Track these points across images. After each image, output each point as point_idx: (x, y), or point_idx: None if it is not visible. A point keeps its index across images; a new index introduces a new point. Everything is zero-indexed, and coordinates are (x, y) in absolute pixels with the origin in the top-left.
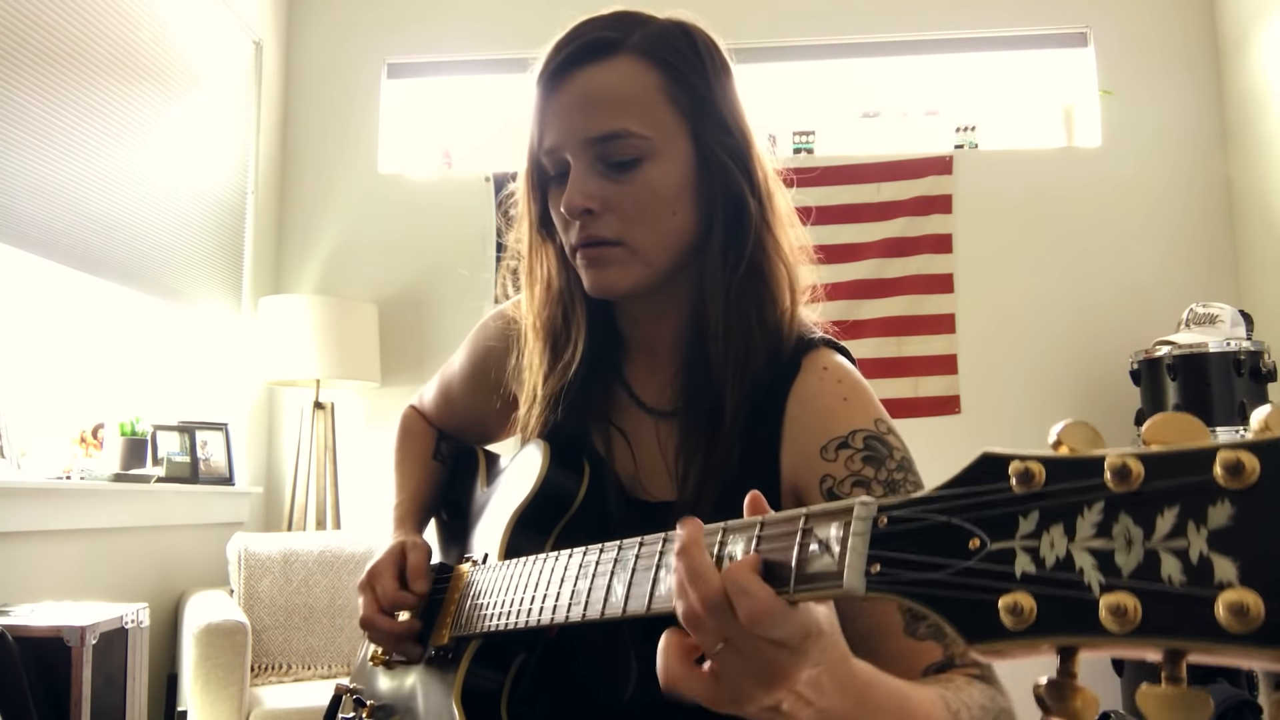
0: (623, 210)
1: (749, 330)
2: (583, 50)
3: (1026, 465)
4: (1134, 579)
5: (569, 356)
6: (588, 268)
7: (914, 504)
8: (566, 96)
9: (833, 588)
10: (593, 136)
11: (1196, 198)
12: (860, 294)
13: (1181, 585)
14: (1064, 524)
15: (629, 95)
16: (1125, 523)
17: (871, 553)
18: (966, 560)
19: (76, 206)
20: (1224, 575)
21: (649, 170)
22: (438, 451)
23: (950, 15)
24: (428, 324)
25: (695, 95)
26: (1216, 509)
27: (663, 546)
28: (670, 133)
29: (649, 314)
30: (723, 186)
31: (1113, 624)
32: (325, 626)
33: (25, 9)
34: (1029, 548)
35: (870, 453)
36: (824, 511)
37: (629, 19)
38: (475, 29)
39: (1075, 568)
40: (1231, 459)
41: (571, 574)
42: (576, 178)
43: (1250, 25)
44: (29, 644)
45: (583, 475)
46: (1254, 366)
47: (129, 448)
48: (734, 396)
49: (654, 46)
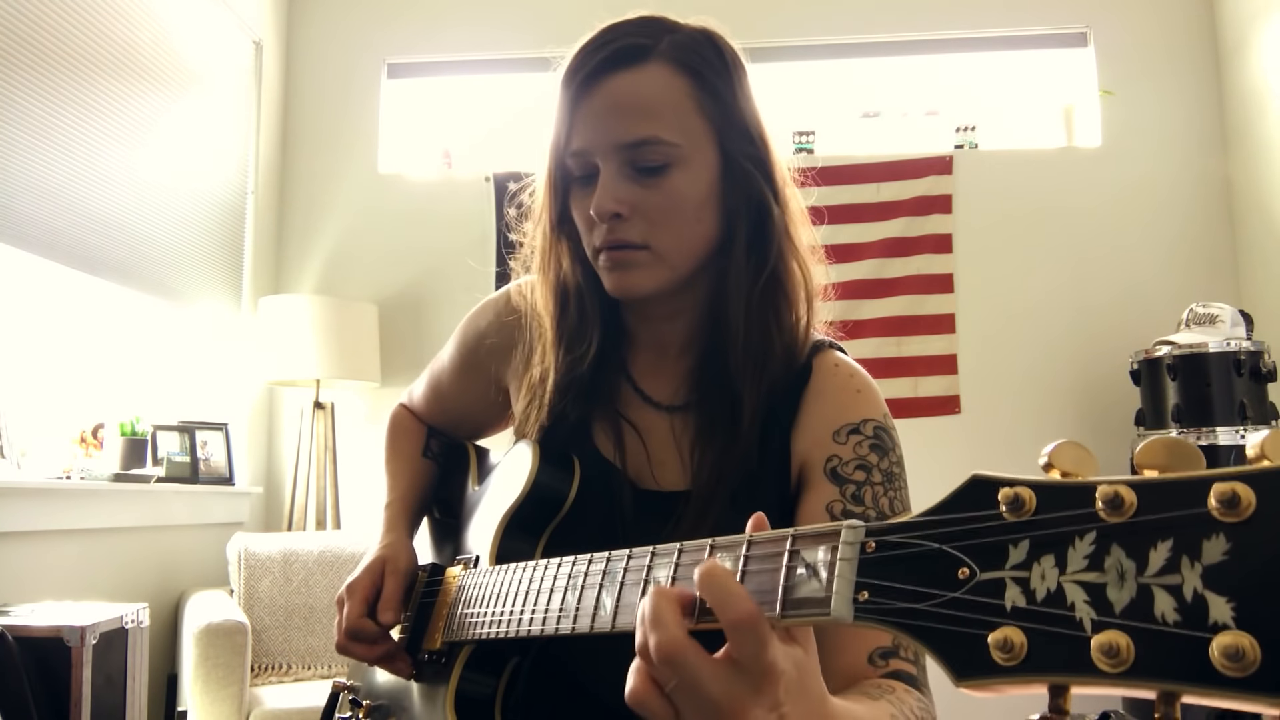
0: (650, 215)
1: (768, 333)
2: (614, 56)
3: (1016, 491)
4: (1126, 617)
5: (582, 351)
6: (612, 270)
7: (902, 529)
8: (598, 101)
9: (820, 615)
10: (624, 142)
11: (1196, 198)
12: (860, 294)
13: (1175, 625)
14: (1055, 554)
15: (660, 102)
16: (1117, 555)
17: (859, 579)
18: (955, 590)
19: (76, 206)
20: (1218, 615)
21: (677, 177)
22: (428, 449)
23: (950, 15)
24: (428, 324)
25: (722, 103)
26: (1211, 544)
27: (650, 560)
28: (698, 140)
29: (663, 313)
30: (746, 194)
31: (1105, 664)
32: (325, 626)
33: (25, 9)
34: (1019, 579)
35: (878, 441)
36: (811, 534)
37: (658, 25)
38: (475, 29)
39: (1066, 602)
40: (1227, 491)
41: (560, 585)
42: (607, 182)
43: (1250, 25)
44: (29, 644)
45: (573, 475)
46: (1254, 366)
47: (129, 448)
48: (752, 396)
49: (683, 54)
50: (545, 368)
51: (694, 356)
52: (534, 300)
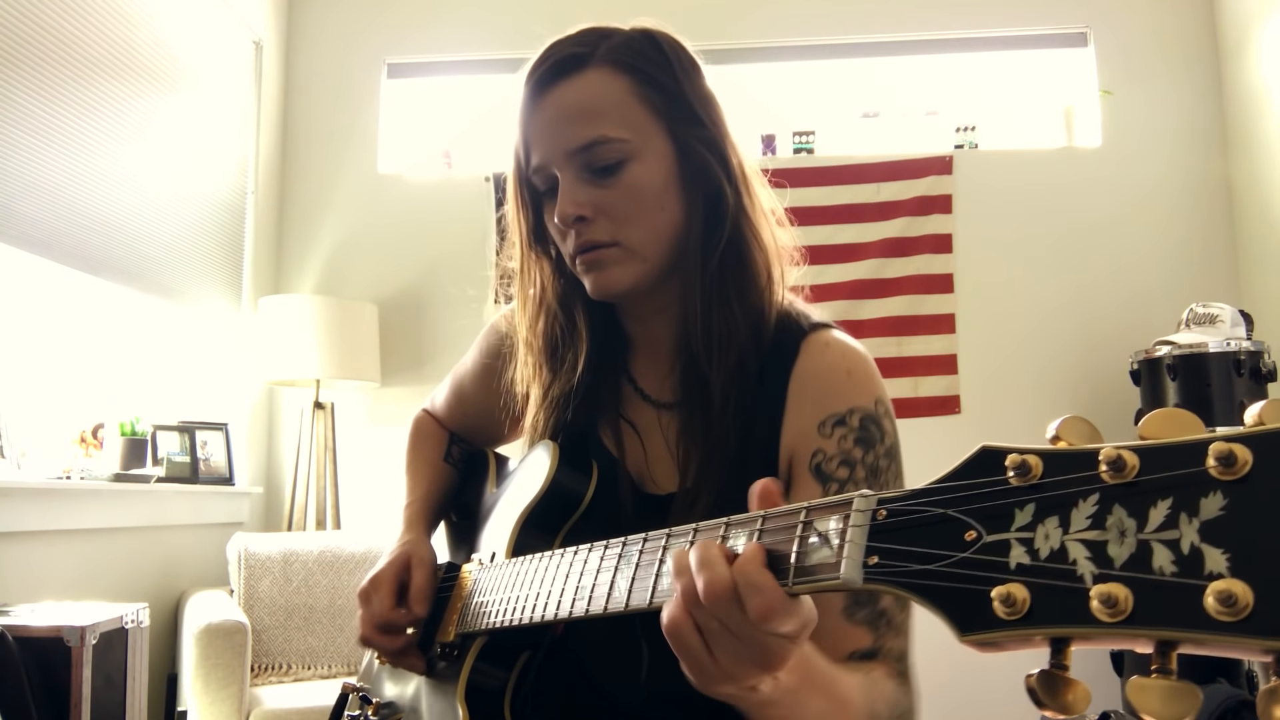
0: (614, 212)
1: (729, 311)
2: (554, 69)
3: (1024, 458)
4: (1126, 569)
5: (571, 360)
6: (588, 272)
7: (912, 496)
8: (544, 114)
9: (830, 579)
10: (574, 147)
11: (1196, 198)
12: (860, 294)
13: (1172, 575)
14: (1059, 516)
15: (602, 103)
16: (1119, 514)
17: (870, 544)
18: (962, 552)
19: (76, 206)
20: (1214, 566)
21: (633, 170)
22: (449, 454)
23: (950, 15)
24: (428, 324)
25: (666, 93)
26: (1208, 500)
27: (666, 542)
28: (647, 132)
29: (650, 310)
30: (702, 176)
31: (1104, 614)
32: (325, 626)
33: (25, 9)
34: (1024, 539)
35: (863, 434)
36: (824, 505)
37: (594, 34)
38: (475, 29)
39: (1069, 559)
40: (1224, 450)
41: (576, 570)
42: (566, 188)
43: (1250, 25)
44: (29, 644)
45: (591, 476)
46: (1254, 366)
47: (129, 448)
48: (720, 379)
49: (621, 54)
50: (535, 384)
51: (682, 351)
52: (516, 320)
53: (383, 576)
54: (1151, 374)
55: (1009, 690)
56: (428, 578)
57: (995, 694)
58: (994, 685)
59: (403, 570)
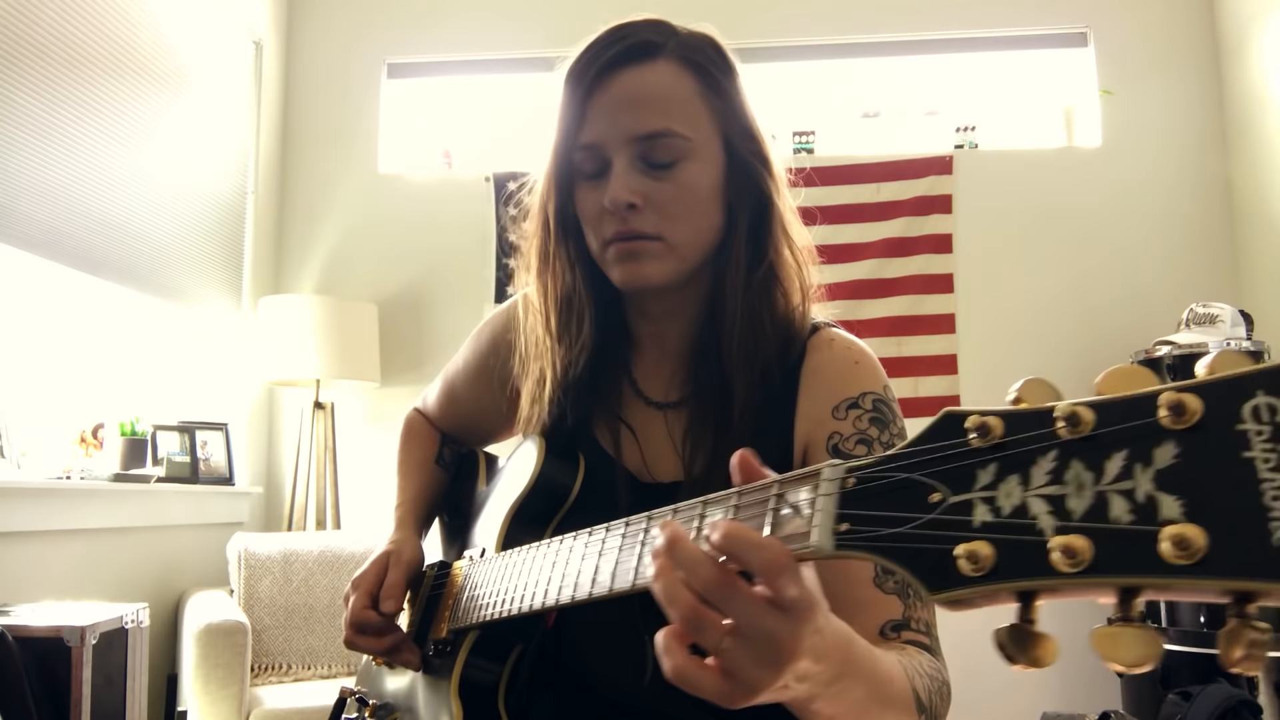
0: (663, 207)
1: (761, 325)
2: (627, 51)
3: (984, 420)
4: (1084, 521)
5: (576, 352)
6: (623, 260)
7: (879, 463)
8: (611, 95)
9: (801, 547)
10: (639, 134)
11: (1196, 198)
12: (860, 294)
13: (1129, 524)
14: (1020, 474)
15: (672, 96)
16: (1077, 468)
17: (840, 511)
18: (929, 514)
19: (76, 206)
20: (1168, 512)
21: (688, 169)
22: (440, 456)
23: (950, 15)
24: (428, 324)
25: (726, 101)
26: (1161, 449)
27: (647, 524)
28: (706, 135)
29: (664, 311)
30: (749, 188)
31: (1065, 564)
32: (325, 626)
33: (25, 9)
34: (987, 498)
35: (877, 414)
36: (795, 477)
37: (666, 26)
38: (475, 29)
39: (1030, 514)
40: (1174, 399)
41: (562, 559)
42: (620, 173)
43: (1250, 25)
44: (29, 644)
45: (578, 468)
46: None
47: (129, 448)
48: (743, 385)
49: (690, 52)
50: (544, 368)
51: (692, 353)
52: (531, 300)
53: (362, 578)
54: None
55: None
56: (402, 576)
57: (995, 694)
58: (994, 685)
59: (383, 570)
